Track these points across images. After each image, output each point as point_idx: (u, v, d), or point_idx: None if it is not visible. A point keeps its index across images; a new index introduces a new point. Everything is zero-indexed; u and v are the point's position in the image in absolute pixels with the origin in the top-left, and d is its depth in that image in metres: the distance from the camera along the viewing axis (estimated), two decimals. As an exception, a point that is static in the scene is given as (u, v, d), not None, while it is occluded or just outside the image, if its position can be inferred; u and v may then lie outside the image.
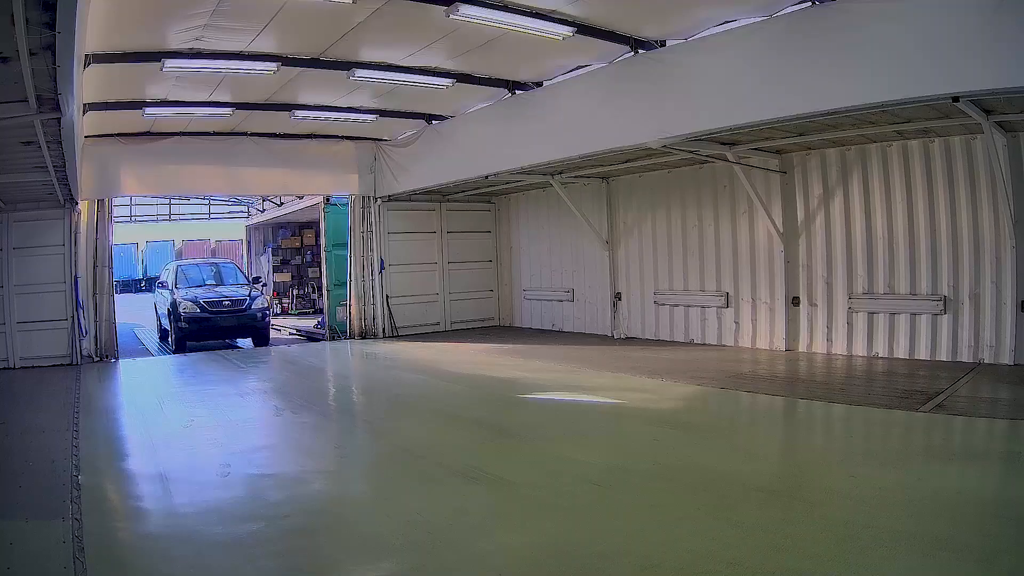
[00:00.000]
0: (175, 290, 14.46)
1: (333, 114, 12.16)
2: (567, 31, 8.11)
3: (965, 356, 8.56)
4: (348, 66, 9.49)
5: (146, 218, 31.77)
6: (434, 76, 10.12)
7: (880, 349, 9.33)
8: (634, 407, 7.54)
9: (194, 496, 4.92)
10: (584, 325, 13.98)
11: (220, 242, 38.57)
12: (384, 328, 14.68)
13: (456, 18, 7.54)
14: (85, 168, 11.25)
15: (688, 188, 11.72)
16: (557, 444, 6.08)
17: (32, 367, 11.21)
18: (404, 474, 5.42)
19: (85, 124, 10.34)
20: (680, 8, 7.96)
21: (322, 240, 16.18)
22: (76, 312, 11.62)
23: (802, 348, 10.22)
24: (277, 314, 20.62)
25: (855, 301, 9.59)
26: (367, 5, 7.37)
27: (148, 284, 33.40)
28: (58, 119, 6.07)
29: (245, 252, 25.80)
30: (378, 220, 14.65)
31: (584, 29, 8.21)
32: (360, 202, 14.55)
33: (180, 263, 17.69)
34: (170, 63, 8.60)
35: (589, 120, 9.47)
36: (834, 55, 6.87)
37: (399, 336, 14.68)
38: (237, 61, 8.90)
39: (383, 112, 12.25)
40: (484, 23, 7.80)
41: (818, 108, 7.21)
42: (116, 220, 16.07)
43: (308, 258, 22.90)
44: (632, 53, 8.93)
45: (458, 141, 12.26)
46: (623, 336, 12.91)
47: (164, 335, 15.35)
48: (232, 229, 32.35)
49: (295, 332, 17.26)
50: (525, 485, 4.97)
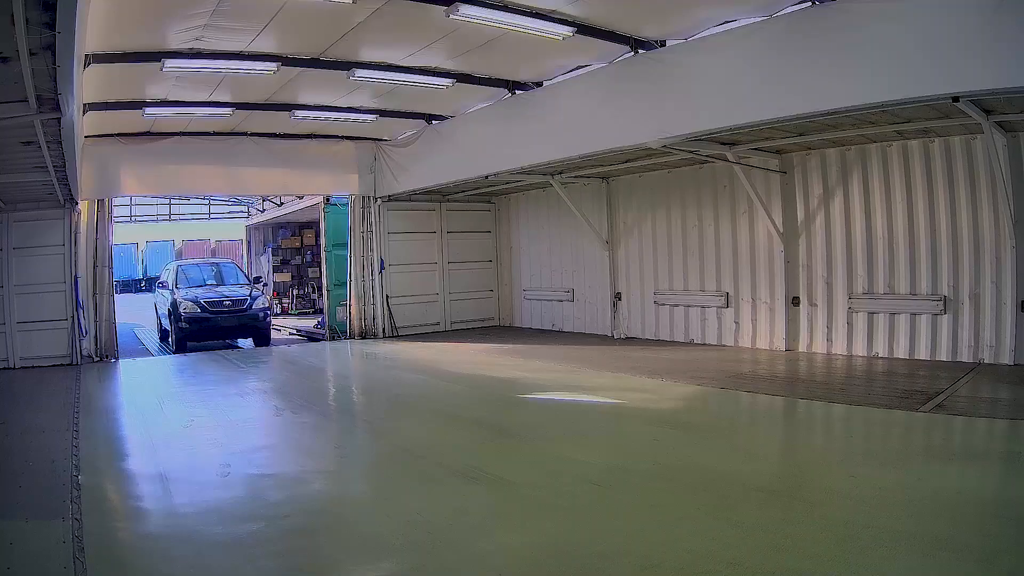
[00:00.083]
0: (175, 290, 14.42)
1: (333, 114, 12.17)
2: (567, 31, 8.11)
3: (965, 356, 8.56)
4: (348, 66, 9.49)
5: (146, 218, 31.80)
6: (434, 76, 10.12)
7: (880, 349, 9.33)
8: (634, 407, 7.55)
9: (194, 496, 4.92)
10: (584, 325, 13.98)
11: (220, 242, 38.57)
12: (384, 328, 14.68)
13: (456, 18, 7.55)
14: (85, 168, 11.25)
15: (688, 188, 11.72)
16: (557, 444, 6.08)
17: (32, 367, 11.21)
18: (404, 474, 5.42)
19: (85, 124, 10.34)
20: (680, 8, 7.96)
21: (322, 240, 16.18)
22: (76, 312, 11.63)
23: (802, 348, 10.22)
24: (277, 314, 20.60)
25: (855, 301, 9.59)
26: (367, 5, 7.37)
27: (148, 284, 33.41)
28: (58, 119, 6.07)
29: (245, 252, 25.80)
30: (378, 220, 14.65)
31: (584, 29, 8.21)
32: (360, 202, 14.56)
33: (180, 263, 17.67)
34: (170, 63, 8.61)
35: (589, 120, 9.48)
36: (834, 55, 6.87)
37: (399, 336, 14.68)
38: (237, 61, 8.91)
39: (383, 112, 12.26)
40: (484, 23, 7.80)
41: (818, 108, 7.21)
42: (116, 220, 16.08)
43: (308, 258, 22.91)
44: (632, 53, 8.93)
45: (458, 141, 12.26)
46: (623, 336, 12.91)
47: (164, 335, 15.33)
48: (232, 229, 32.37)
49: (295, 332, 17.26)
50: (525, 485, 4.97)
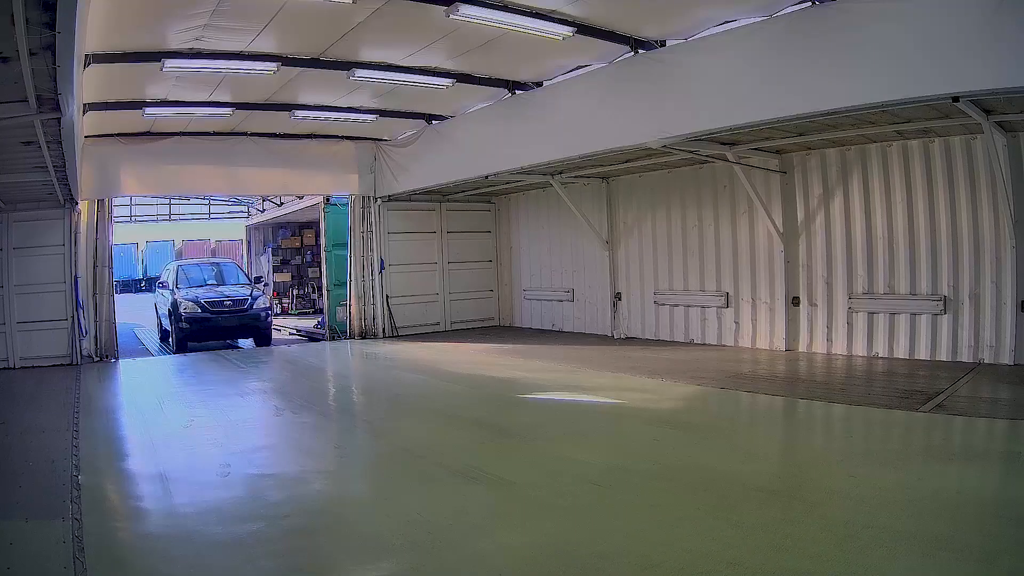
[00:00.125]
0: (176, 290, 14.40)
1: (333, 114, 12.17)
2: (567, 31, 8.11)
3: (965, 356, 8.56)
4: (348, 66, 9.49)
5: (146, 218, 31.83)
6: (434, 76, 10.12)
7: (880, 349, 9.33)
8: (634, 407, 7.54)
9: (194, 496, 4.92)
10: (584, 325, 13.97)
11: (220, 242, 38.58)
12: (384, 328, 14.68)
13: (456, 18, 7.55)
14: (85, 168, 11.26)
15: (688, 188, 11.72)
16: (557, 444, 6.08)
17: (32, 367, 11.21)
18: (404, 474, 5.42)
19: (85, 124, 10.34)
20: (680, 8, 7.96)
21: (322, 240, 16.17)
22: (76, 312, 11.63)
23: (802, 348, 10.22)
24: (277, 314, 20.57)
25: (855, 301, 9.59)
26: (367, 5, 7.37)
27: (148, 284, 33.45)
28: (58, 119, 6.07)
29: (245, 252, 25.80)
30: (378, 220, 14.65)
31: (584, 29, 8.21)
32: (360, 202, 14.55)
33: (181, 263, 17.66)
34: (170, 63, 8.61)
35: (589, 120, 9.47)
36: (834, 55, 6.87)
37: (399, 336, 14.68)
38: (237, 61, 8.91)
39: (383, 112, 12.25)
40: (484, 23, 7.80)
41: (818, 108, 7.21)
42: (116, 220, 16.09)
43: (308, 258, 22.91)
44: (632, 53, 8.93)
45: (458, 141, 12.26)
46: (623, 336, 12.91)
47: (165, 336, 15.32)
48: (232, 229, 32.38)
49: (295, 332, 17.26)
50: (525, 485, 4.97)
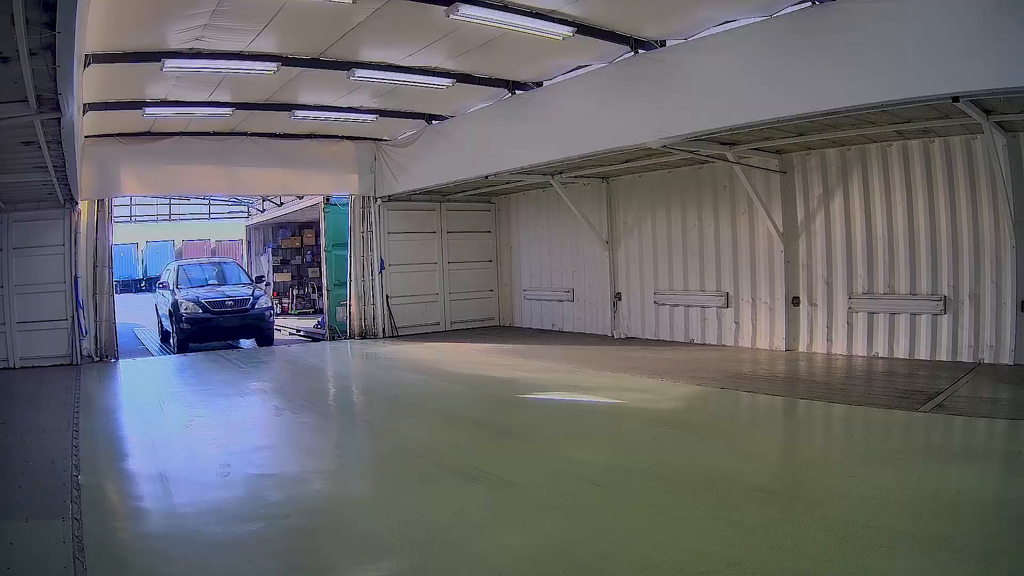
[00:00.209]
0: (176, 290, 14.37)
1: (333, 114, 12.16)
2: (567, 31, 8.11)
3: (965, 356, 8.56)
4: (348, 66, 9.49)
5: (146, 218, 31.83)
6: (434, 76, 10.12)
7: (880, 349, 9.33)
8: (634, 407, 7.54)
9: (194, 496, 4.92)
10: (584, 325, 13.97)
11: (220, 242, 38.60)
12: (384, 328, 14.68)
13: (456, 18, 7.54)
14: (85, 168, 11.25)
15: (688, 188, 11.72)
16: (557, 444, 6.08)
17: (32, 367, 11.21)
18: (404, 474, 5.42)
19: (85, 124, 10.34)
20: (680, 8, 7.96)
21: (322, 240, 16.17)
22: (76, 312, 11.62)
23: (802, 348, 10.22)
24: (277, 314, 20.57)
25: (855, 301, 9.59)
26: (367, 5, 7.37)
27: (148, 284, 33.45)
28: (58, 119, 6.08)
29: (245, 252, 25.81)
30: (378, 220, 14.65)
31: (584, 29, 8.21)
32: (360, 202, 14.55)
33: (182, 262, 17.63)
34: (170, 63, 8.61)
35: (589, 120, 9.47)
36: (834, 55, 6.87)
37: (399, 336, 14.68)
38: (237, 61, 8.90)
39: (383, 112, 12.25)
40: (484, 23, 7.80)
41: (818, 108, 7.21)
42: (116, 220, 16.08)
43: (308, 258, 22.91)
44: (632, 53, 8.93)
45: (458, 141, 12.26)
46: (623, 336, 12.91)
47: (165, 336, 15.29)
48: (232, 229, 32.39)
49: (295, 332, 17.26)
50: (525, 485, 4.97)
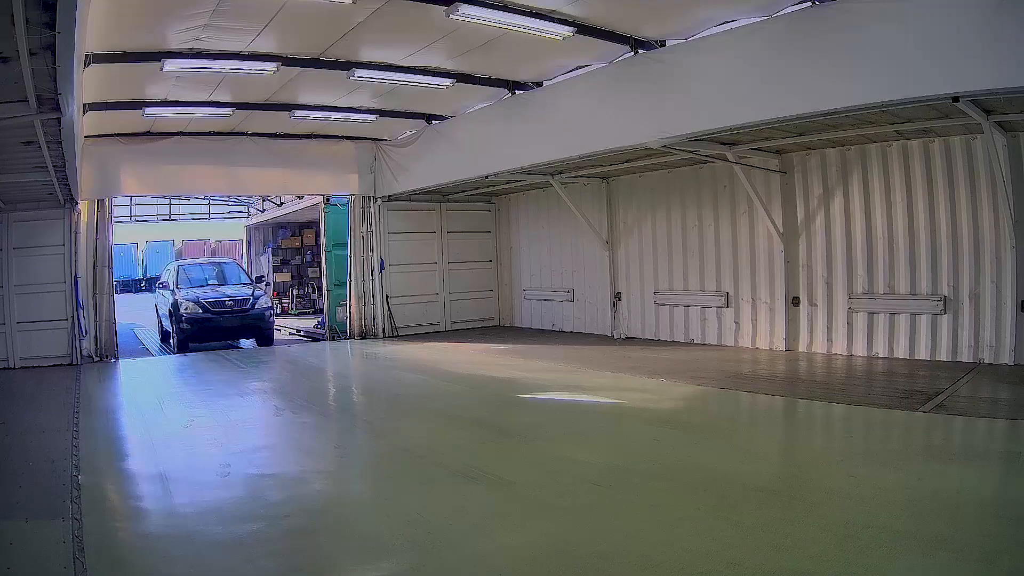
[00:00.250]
0: (176, 290, 14.36)
1: (333, 114, 12.16)
2: (567, 31, 8.10)
3: (965, 356, 8.56)
4: (348, 66, 9.49)
5: (146, 218, 31.84)
6: (434, 76, 10.12)
7: (880, 349, 9.33)
8: (634, 407, 7.54)
9: (194, 496, 4.92)
10: (584, 325, 13.97)
11: (220, 242, 38.61)
12: (384, 328, 14.67)
13: (456, 18, 7.54)
14: (85, 168, 11.25)
15: (688, 188, 11.72)
16: (557, 444, 6.08)
17: (32, 367, 11.21)
18: (404, 474, 5.42)
19: (85, 124, 10.34)
20: (680, 8, 7.96)
21: (322, 240, 16.17)
22: (76, 312, 11.62)
23: (802, 348, 10.22)
24: (277, 314, 20.57)
25: (855, 301, 9.59)
26: (367, 5, 7.37)
27: (148, 284, 33.45)
28: (58, 119, 6.07)
29: (245, 252, 25.81)
30: (378, 220, 14.65)
31: (584, 29, 8.20)
32: (360, 202, 14.55)
33: (182, 262, 17.62)
34: (170, 63, 8.61)
35: (589, 120, 9.47)
36: (834, 55, 6.87)
37: (399, 336, 14.68)
38: (237, 61, 8.90)
39: (383, 112, 12.25)
40: (484, 23, 7.80)
41: (818, 108, 7.21)
42: (116, 220, 16.08)
43: (308, 258, 22.91)
44: (632, 53, 8.93)
45: (458, 141, 12.26)
46: (623, 336, 12.91)
47: (165, 336, 15.28)
48: (232, 229, 32.39)
49: (295, 332, 17.26)
50: (525, 485, 4.97)
